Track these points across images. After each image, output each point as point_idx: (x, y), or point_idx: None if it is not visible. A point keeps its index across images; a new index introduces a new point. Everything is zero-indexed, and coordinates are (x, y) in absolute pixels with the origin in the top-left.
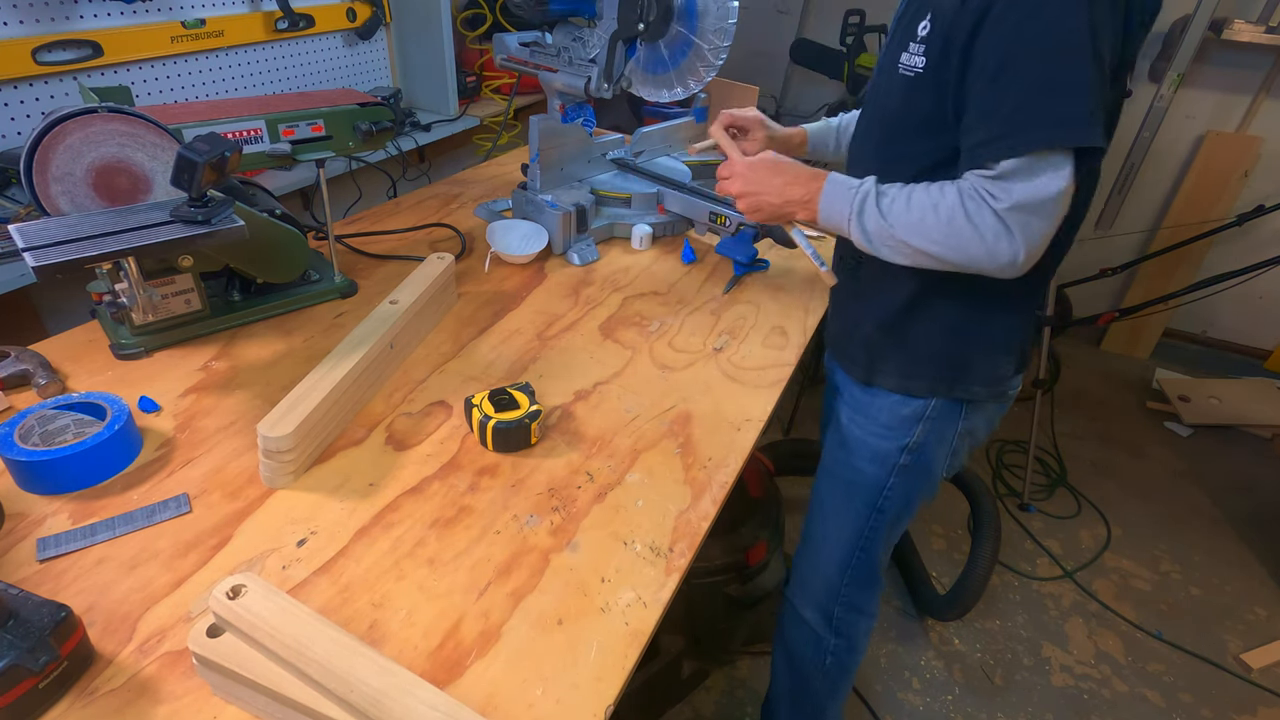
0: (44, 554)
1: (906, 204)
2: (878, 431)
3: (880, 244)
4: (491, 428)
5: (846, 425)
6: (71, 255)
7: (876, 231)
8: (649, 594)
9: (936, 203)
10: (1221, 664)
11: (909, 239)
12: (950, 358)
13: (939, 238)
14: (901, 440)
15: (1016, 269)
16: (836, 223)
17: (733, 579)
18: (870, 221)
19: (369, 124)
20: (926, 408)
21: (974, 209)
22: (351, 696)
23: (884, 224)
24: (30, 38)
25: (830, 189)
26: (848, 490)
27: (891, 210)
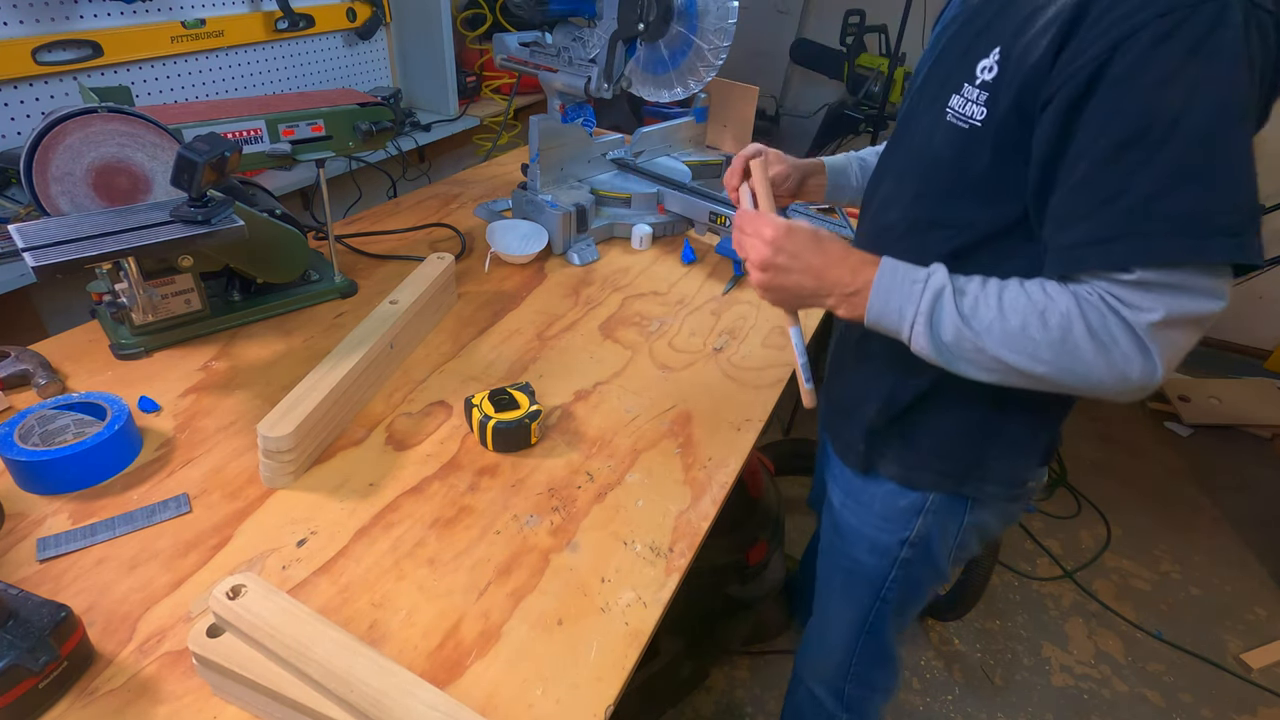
0: (44, 554)
1: (998, 308)
2: (874, 523)
3: (958, 356)
4: (491, 428)
5: (839, 510)
6: (71, 255)
7: (955, 340)
8: (649, 594)
9: (1043, 309)
10: (1221, 664)
11: (1002, 353)
12: (964, 457)
13: (1048, 355)
14: (901, 534)
15: (1148, 391)
16: (893, 323)
17: (733, 579)
18: (946, 326)
19: (369, 124)
20: (926, 500)
21: (1099, 322)
22: (351, 697)
23: (967, 332)
24: (30, 38)
25: (887, 278)
26: (847, 578)
27: (977, 314)
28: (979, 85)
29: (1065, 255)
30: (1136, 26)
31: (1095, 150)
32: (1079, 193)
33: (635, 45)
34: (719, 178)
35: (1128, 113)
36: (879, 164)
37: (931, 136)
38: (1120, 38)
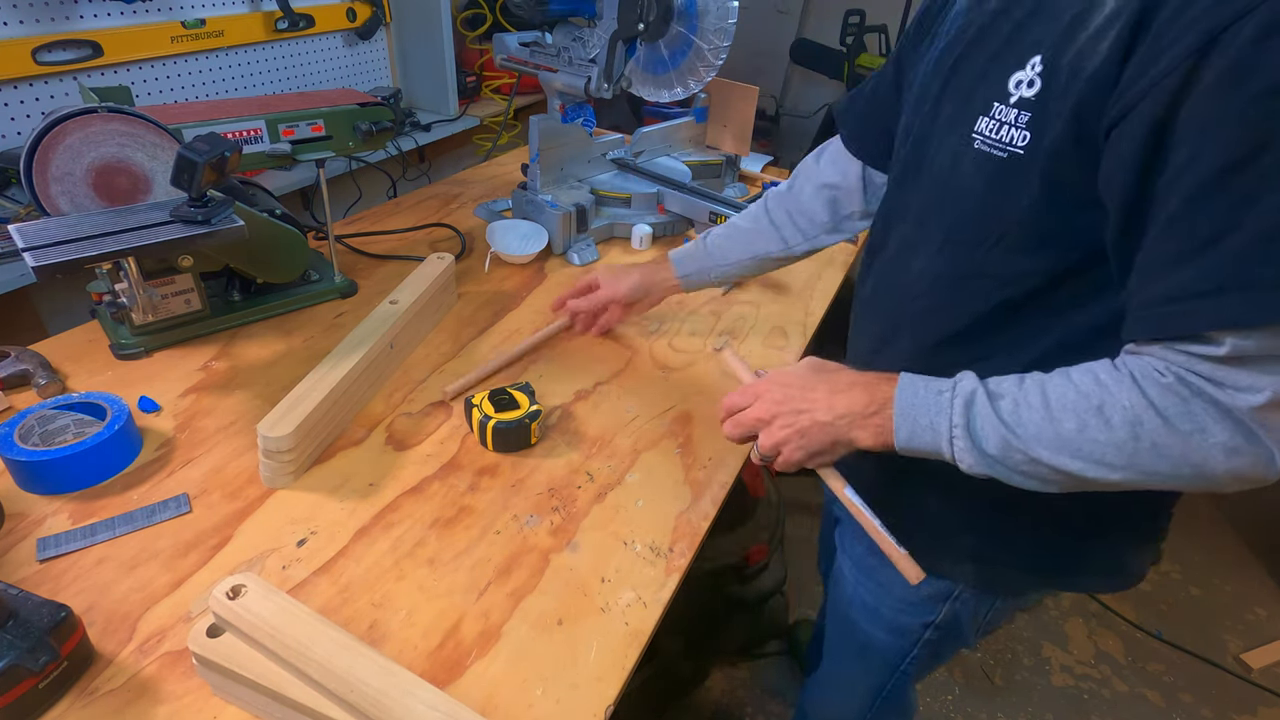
0: (44, 554)
1: (1044, 409)
2: (894, 605)
3: (1012, 469)
4: (491, 428)
5: (852, 586)
6: (71, 255)
7: (1003, 453)
8: (649, 594)
9: (1100, 403)
10: (1221, 664)
11: (1062, 462)
12: (1047, 561)
13: (1118, 459)
14: (924, 618)
15: (1269, 481)
16: (928, 442)
17: (733, 579)
18: (990, 438)
19: (369, 124)
20: (955, 589)
21: (1178, 409)
22: (351, 697)
23: (1015, 440)
24: (30, 38)
25: (908, 392)
26: (862, 653)
27: (1020, 420)
28: (1015, 104)
29: (1152, 314)
30: (1237, 13)
31: (1191, 179)
32: (1171, 234)
33: (635, 45)
34: (719, 177)
35: (1231, 128)
36: (885, 207)
37: (957, 167)
38: (1214, 29)
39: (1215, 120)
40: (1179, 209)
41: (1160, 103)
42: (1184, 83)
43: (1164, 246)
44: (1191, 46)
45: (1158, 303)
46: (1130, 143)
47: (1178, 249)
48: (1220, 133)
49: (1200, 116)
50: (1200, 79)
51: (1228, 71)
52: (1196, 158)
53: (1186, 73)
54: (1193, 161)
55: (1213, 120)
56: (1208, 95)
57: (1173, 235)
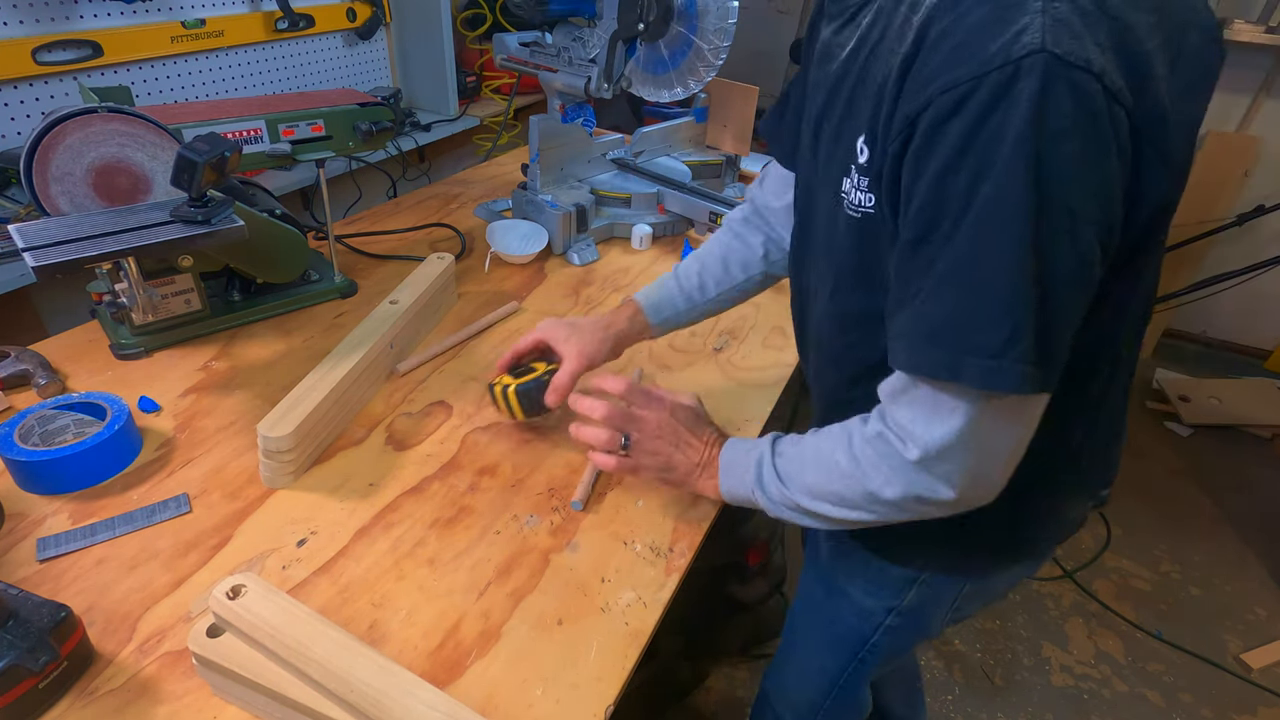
0: (44, 554)
1: (803, 463)
2: (861, 586)
3: (795, 513)
4: (514, 390)
5: (827, 561)
6: (71, 255)
7: (783, 500)
8: (649, 594)
9: (829, 460)
10: (1221, 664)
11: (817, 506)
12: (959, 541)
13: (848, 505)
14: (889, 602)
15: (960, 506)
16: (742, 495)
17: (733, 579)
18: (773, 492)
19: (369, 124)
20: (920, 573)
21: (870, 458)
22: (351, 697)
23: (787, 492)
24: (30, 38)
25: (727, 454)
26: (827, 629)
27: (790, 474)
28: (859, 169)
29: (889, 346)
30: (927, 102)
31: (903, 237)
32: (895, 281)
33: (635, 45)
34: (719, 178)
35: (920, 200)
36: (794, 248)
37: (834, 224)
38: (915, 112)
39: (910, 192)
40: (896, 266)
41: (891, 171)
42: (899, 154)
43: (894, 289)
44: (903, 124)
45: (889, 336)
46: (888, 192)
47: (892, 302)
48: (912, 204)
49: (906, 188)
50: (906, 154)
51: (916, 150)
52: (904, 223)
53: (901, 146)
54: (903, 226)
55: (910, 192)
56: (908, 169)
57: (894, 288)
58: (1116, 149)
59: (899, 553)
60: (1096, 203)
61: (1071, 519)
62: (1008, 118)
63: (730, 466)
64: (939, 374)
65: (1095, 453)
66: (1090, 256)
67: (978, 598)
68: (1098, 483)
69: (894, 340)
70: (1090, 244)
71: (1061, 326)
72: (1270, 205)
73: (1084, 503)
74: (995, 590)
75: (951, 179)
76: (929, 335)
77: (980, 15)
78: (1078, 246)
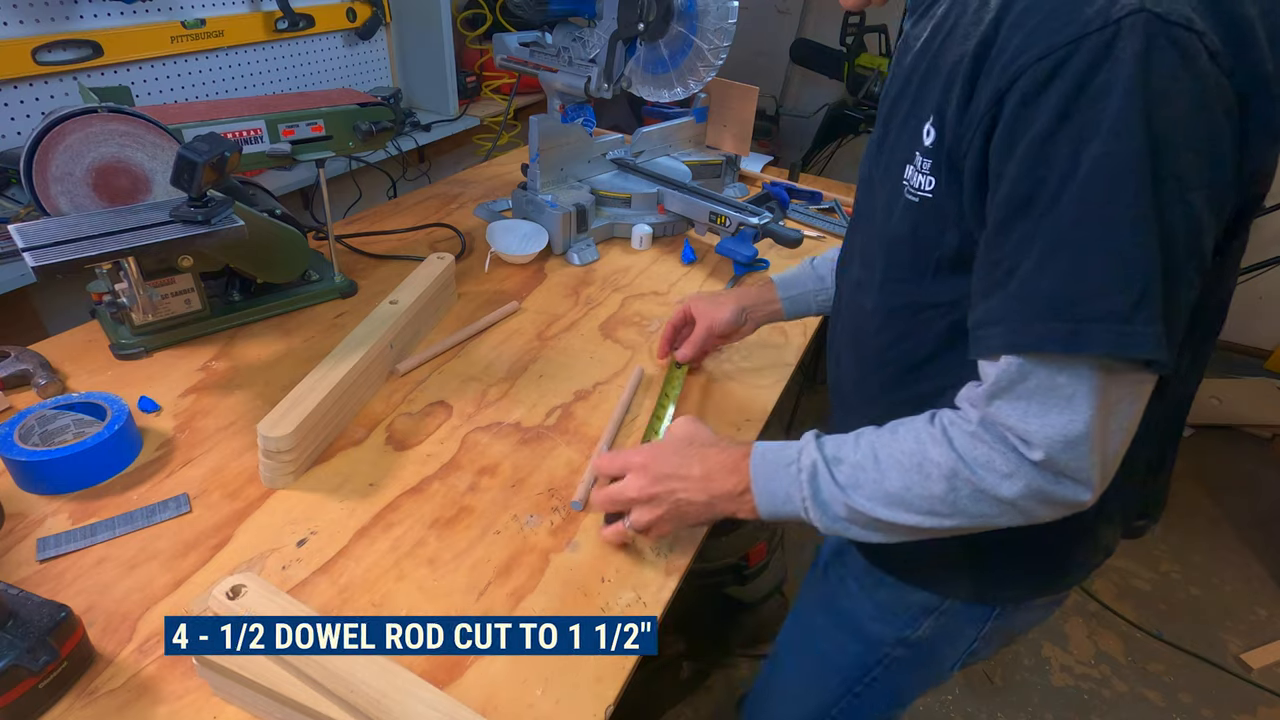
0: (44, 554)
1: (877, 469)
2: (870, 611)
3: (860, 528)
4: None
5: (834, 583)
6: (71, 255)
7: (849, 514)
8: (649, 594)
9: (920, 461)
10: (1221, 664)
11: (897, 516)
12: (992, 562)
13: (947, 511)
14: (901, 631)
15: (1083, 505)
16: (789, 512)
17: (733, 579)
18: (834, 504)
19: (369, 124)
20: (942, 602)
21: (981, 456)
22: (351, 697)
23: (854, 504)
24: (30, 38)
25: (761, 470)
26: (820, 661)
27: (858, 482)
28: (926, 150)
29: (972, 338)
30: (1017, 73)
31: (992, 220)
32: (980, 268)
33: (635, 45)
34: (719, 177)
35: (1013, 176)
36: (845, 243)
37: (890, 214)
38: (1003, 88)
39: (1002, 168)
40: (984, 246)
41: (977, 150)
42: (988, 132)
43: (977, 279)
44: (990, 100)
45: (972, 329)
46: (968, 182)
47: (981, 283)
48: (1005, 179)
49: (995, 164)
50: (996, 131)
51: (1008, 124)
52: (995, 201)
53: (990, 124)
54: (994, 204)
55: (1002, 168)
56: (998, 145)
57: (980, 270)
58: (1224, 111)
59: (923, 574)
60: (1208, 166)
61: (1103, 545)
62: (1114, 76)
63: (768, 484)
64: (1056, 347)
65: (1132, 475)
66: (1201, 224)
67: (997, 637)
68: (1134, 510)
69: (985, 329)
70: (1201, 210)
71: (1180, 298)
72: (1270, 205)
73: (1116, 529)
74: (1015, 628)
75: (1051, 148)
76: (1040, 311)
77: None
78: (1190, 212)
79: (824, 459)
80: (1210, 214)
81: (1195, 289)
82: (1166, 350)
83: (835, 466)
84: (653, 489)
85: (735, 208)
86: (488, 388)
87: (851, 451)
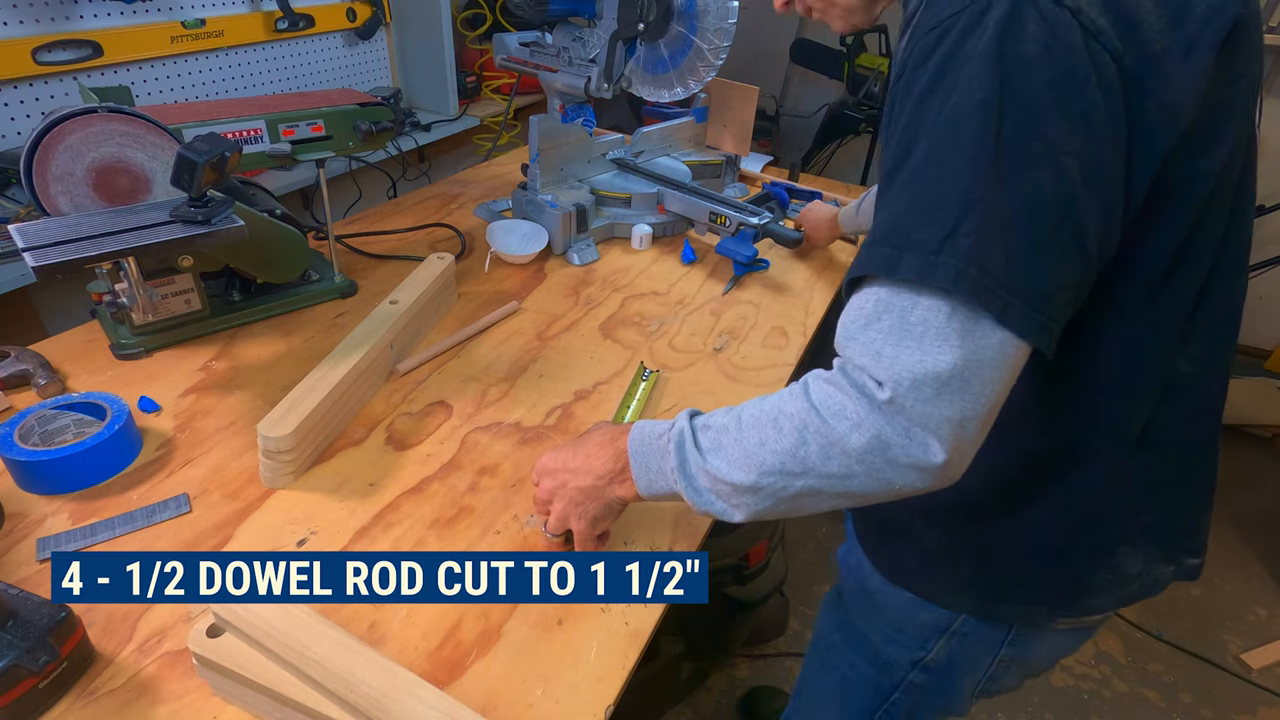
0: (44, 554)
1: (737, 429)
2: (883, 631)
3: (724, 502)
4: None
5: (848, 602)
6: (71, 255)
7: (711, 485)
8: None
9: (776, 414)
10: (1221, 664)
11: (752, 479)
12: (994, 564)
13: (793, 465)
14: (914, 653)
15: (937, 472)
16: (663, 488)
17: (732, 579)
18: (698, 475)
19: (369, 124)
20: (954, 621)
21: (830, 402)
22: (351, 697)
23: (712, 469)
24: (30, 38)
25: (636, 442)
26: (842, 683)
27: (719, 444)
28: None
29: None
30: (913, 48)
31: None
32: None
33: (635, 45)
34: (719, 177)
35: (896, 137)
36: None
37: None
38: (904, 60)
39: (890, 131)
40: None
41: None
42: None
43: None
44: (897, 71)
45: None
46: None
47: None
48: (890, 141)
49: (892, 113)
50: (899, 79)
51: (901, 89)
52: (883, 162)
53: (899, 72)
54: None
55: (889, 130)
56: (887, 111)
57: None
58: (1100, 85)
59: (928, 584)
60: (1080, 135)
61: (1131, 573)
62: (978, 41)
63: (644, 460)
64: (879, 269)
65: (1151, 497)
66: (1076, 191)
67: (1016, 666)
68: (1163, 535)
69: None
70: (1076, 177)
71: (1043, 258)
72: (1270, 205)
73: (1142, 555)
74: (1037, 658)
75: (925, 106)
76: (875, 238)
77: None
78: (1061, 176)
79: (691, 427)
80: (1087, 188)
81: (1080, 265)
82: (984, 294)
83: (701, 433)
84: (549, 485)
85: (735, 208)
86: (488, 388)
87: (720, 417)
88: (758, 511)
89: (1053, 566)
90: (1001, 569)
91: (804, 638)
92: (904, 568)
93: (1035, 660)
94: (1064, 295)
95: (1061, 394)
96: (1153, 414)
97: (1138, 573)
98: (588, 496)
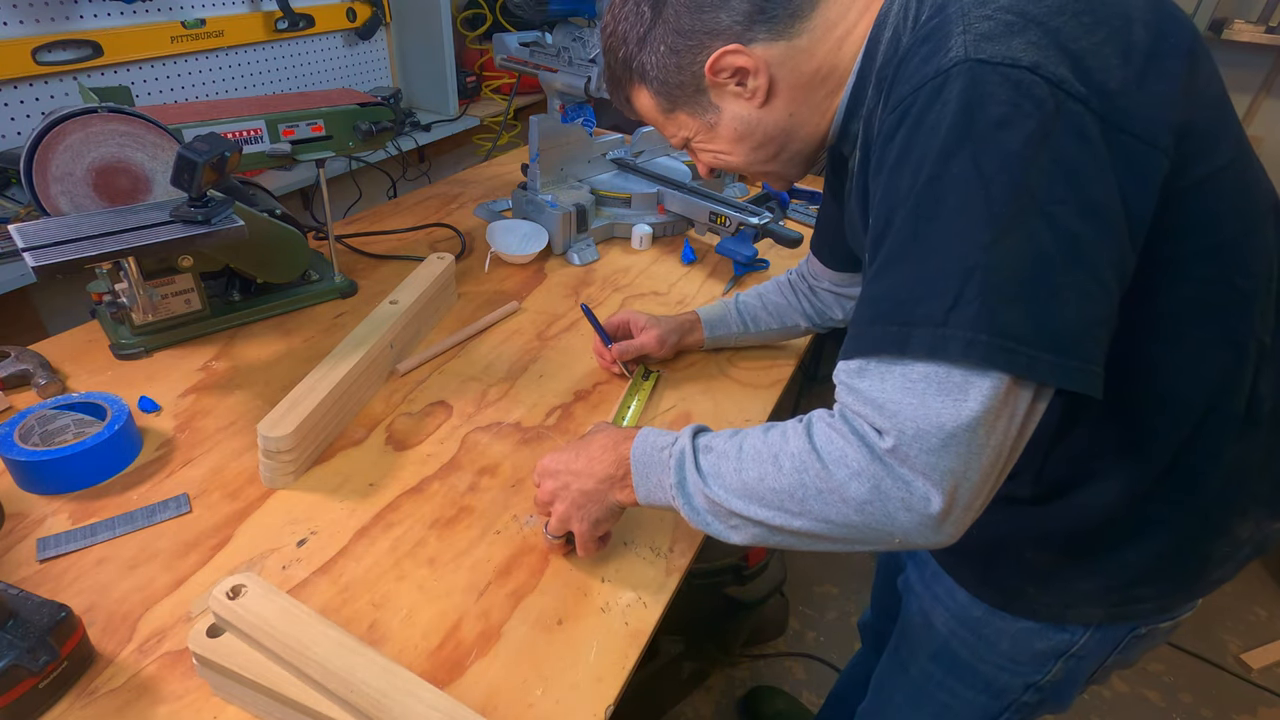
0: (44, 554)
1: (737, 459)
2: (995, 661)
3: (720, 523)
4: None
5: (944, 634)
6: (71, 255)
7: (709, 506)
8: (649, 594)
9: (777, 451)
10: (1221, 664)
11: (751, 510)
12: (1121, 570)
13: (791, 504)
14: (1030, 678)
15: (936, 526)
16: (661, 500)
17: (732, 579)
18: (694, 493)
19: (369, 124)
20: (1076, 641)
21: (832, 448)
22: (351, 697)
23: (711, 493)
24: (30, 38)
25: (640, 451)
26: (942, 711)
27: (719, 471)
28: None
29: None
30: (880, 127)
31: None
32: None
33: None
34: (719, 177)
35: (874, 214)
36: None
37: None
38: (871, 139)
39: (869, 209)
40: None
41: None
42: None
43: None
44: (864, 149)
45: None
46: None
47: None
48: (871, 220)
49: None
50: (874, 158)
51: (872, 172)
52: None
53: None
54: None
55: (869, 209)
56: (872, 189)
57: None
58: (1075, 132)
59: (1048, 608)
60: (1065, 183)
61: (1243, 538)
62: (943, 113)
63: (644, 469)
64: (891, 349)
65: (1258, 468)
66: (1076, 229)
67: (1119, 666)
68: (1275, 501)
69: (852, 329)
70: (1072, 222)
71: (1062, 304)
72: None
73: (1255, 520)
74: (1135, 655)
75: (895, 179)
76: (877, 315)
77: (919, 56)
78: (1056, 225)
79: (693, 447)
80: (1090, 225)
81: (1104, 300)
82: (1004, 358)
83: (703, 455)
84: (551, 486)
85: (735, 208)
86: (488, 388)
87: (723, 442)
88: (756, 538)
89: (1175, 557)
90: (1130, 573)
91: (804, 638)
92: (1019, 594)
93: (1133, 658)
94: (1094, 333)
95: (1164, 398)
96: (1252, 388)
97: (1249, 536)
98: (590, 499)
